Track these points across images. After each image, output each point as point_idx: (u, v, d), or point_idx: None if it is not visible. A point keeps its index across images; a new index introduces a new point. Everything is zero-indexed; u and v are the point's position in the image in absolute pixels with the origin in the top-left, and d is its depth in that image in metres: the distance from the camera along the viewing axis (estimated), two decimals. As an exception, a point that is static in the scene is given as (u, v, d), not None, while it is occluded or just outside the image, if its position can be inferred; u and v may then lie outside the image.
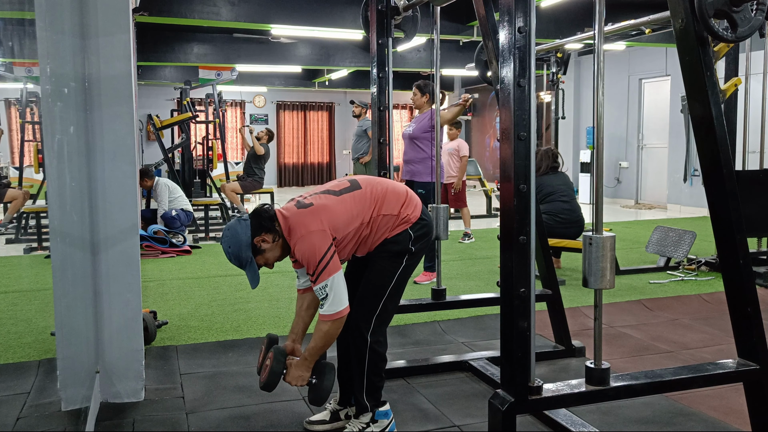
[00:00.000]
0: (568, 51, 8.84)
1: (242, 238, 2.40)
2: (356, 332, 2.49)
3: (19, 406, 2.91)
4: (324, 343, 2.43)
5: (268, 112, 16.22)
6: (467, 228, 7.54)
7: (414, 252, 2.54)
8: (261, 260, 2.48)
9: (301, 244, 2.38)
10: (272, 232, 2.44)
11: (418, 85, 5.32)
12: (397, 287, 2.54)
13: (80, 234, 2.78)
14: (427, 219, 2.59)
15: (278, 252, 2.49)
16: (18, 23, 4.18)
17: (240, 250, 2.41)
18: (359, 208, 2.47)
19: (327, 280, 2.34)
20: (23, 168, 9.40)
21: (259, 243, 2.43)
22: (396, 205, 2.52)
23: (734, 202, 2.28)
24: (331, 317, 2.37)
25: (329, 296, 2.35)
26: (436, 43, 3.46)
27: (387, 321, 2.57)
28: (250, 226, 2.42)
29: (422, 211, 2.58)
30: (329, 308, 2.36)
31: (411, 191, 2.63)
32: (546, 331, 3.72)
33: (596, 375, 2.18)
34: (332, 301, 2.36)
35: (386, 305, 2.51)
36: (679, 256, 5.63)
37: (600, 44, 2.13)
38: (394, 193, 2.55)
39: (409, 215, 2.52)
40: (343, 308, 2.37)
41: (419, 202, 2.61)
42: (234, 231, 2.42)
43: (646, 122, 11.42)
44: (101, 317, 2.85)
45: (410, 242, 2.51)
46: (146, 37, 9.30)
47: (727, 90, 5.35)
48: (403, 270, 2.53)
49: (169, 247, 6.77)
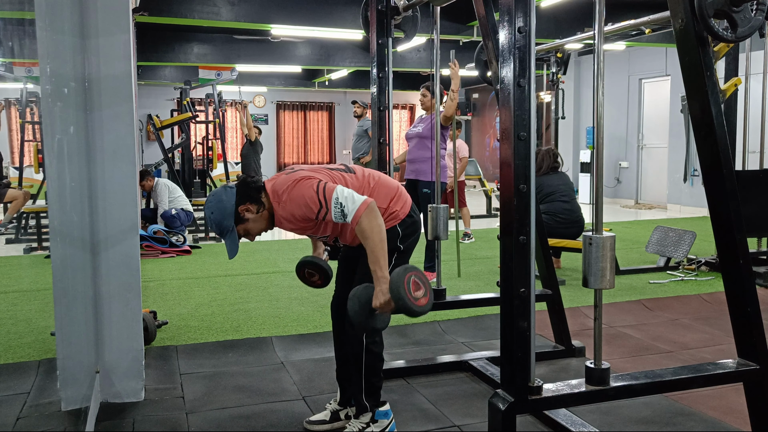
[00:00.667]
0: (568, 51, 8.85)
1: (226, 205, 2.34)
2: (353, 335, 2.48)
3: (19, 406, 2.91)
4: (375, 239, 2.24)
5: (268, 112, 16.22)
6: (467, 228, 7.54)
7: (402, 250, 2.50)
8: (242, 230, 2.40)
9: (293, 195, 2.30)
10: (257, 203, 2.37)
11: (427, 86, 5.36)
12: None
13: (80, 234, 2.78)
14: (415, 216, 2.55)
15: (262, 224, 2.41)
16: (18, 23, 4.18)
17: (222, 218, 2.35)
18: (352, 185, 2.42)
19: (333, 200, 2.26)
20: (23, 168, 9.41)
21: (243, 212, 2.36)
22: (385, 198, 2.47)
23: (734, 202, 2.28)
24: (358, 214, 2.24)
25: (345, 204, 2.25)
26: (436, 43, 3.46)
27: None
28: (236, 193, 2.36)
29: (411, 208, 2.55)
30: (351, 212, 2.25)
31: (402, 188, 2.58)
32: (546, 331, 3.72)
33: (596, 375, 2.18)
34: (348, 206, 2.25)
35: None
36: (679, 256, 5.63)
37: (600, 44, 2.13)
38: (386, 186, 2.52)
39: (397, 211, 2.49)
40: (362, 203, 2.25)
41: (409, 199, 2.57)
42: (218, 198, 2.36)
43: (646, 122, 11.42)
44: (101, 317, 2.85)
45: (398, 240, 2.48)
46: (146, 37, 9.30)
47: (727, 90, 5.35)
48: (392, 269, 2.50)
49: (169, 247, 6.77)
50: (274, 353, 3.64)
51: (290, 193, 2.33)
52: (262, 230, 2.45)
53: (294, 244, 7.39)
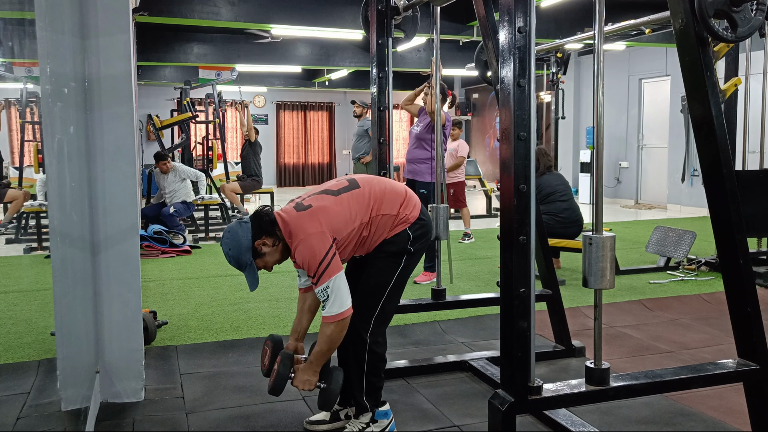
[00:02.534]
0: (568, 51, 8.84)
1: (243, 241, 2.40)
2: (354, 333, 2.49)
3: (19, 406, 2.91)
4: (329, 346, 2.42)
5: (268, 112, 16.21)
6: (467, 228, 7.55)
7: (413, 252, 2.53)
8: (261, 263, 2.47)
9: (302, 248, 2.37)
10: (273, 236, 2.43)
11: (430, 85, 5.34)
12: (395, 288, 2.53)
13: (80, 234, 2.78)
14: (425, 219, 2.58)
15: (278, 256, 2.49)
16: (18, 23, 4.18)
17: (240, 253, 2.41)
18: (358, 208, 2.46)
19: (328, 282, 2.34)
20: (23, 168, 9.40)
21: (260, 246, 2.42)
22: (395, 205, 2.51)
23: (734, 202, 2.28)
24: (334, 319, 2.36)
25: (330, 298, 2.34)
26: (436, 43, 3.46)
27: (386, 322, 2.57)
28: (251, 228, 2.41)
29: (421, 211, 2.57)
30: (331, 309, 2.35)
31: (410, 191, 2.62)
32: (546, 331, 3.72)
33: (596, 375, 2.18)
34: (333, 303, 2.35)
35: (385, 306, 2.51)
36: (679, 256, 5.63)
37: (600, 44, 2.13)
38: (393, 193, 2.54)
39: (407, 215, 2.51)
40: (345, 309, 2.36)
41: (418, 202, 2.60)
42: (234, 233, 2.41)
43: (646, 122, 11.42)
44: (101, 317, 2.85)
45: (409, 242, 2.51)
46: (146, 37, 9.29)
47: (727, 90, 5.35)
48: (401, 270, 2.52)
49: (169, 247, 6.77)
50: (274, 353, 3.63)
51: (300, 246, 2.39)
52: (278, 261, 2.52)
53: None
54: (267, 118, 16.17)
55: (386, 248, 2.51)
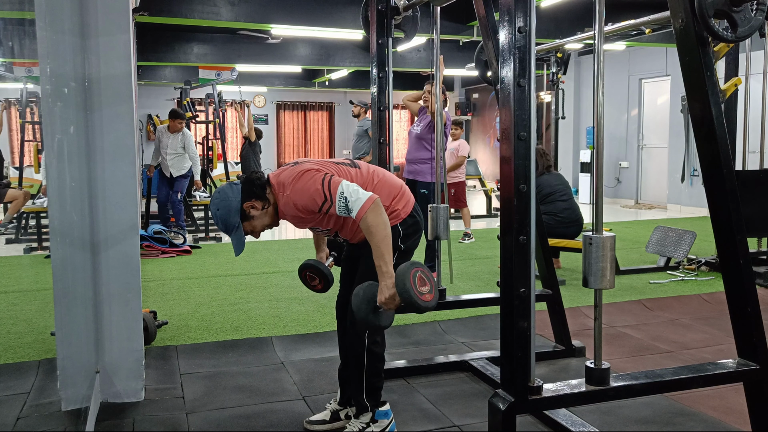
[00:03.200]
0: (568, 51, 8.84)
1: (232, 202, 2.35)
2: (353, 333, 2.48)
3: (19, 406, 2.91)
4: (380, 235, 2.22)
5: (268, 112, 16.21)
6: (467, 228, 7.55)
7: (403, 250, 2.49)
8: (248, 227, 2.41)
9: (298, 186, 2.30)
10: (263, 199, 2.38)
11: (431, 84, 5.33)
12: None
13: (80, 234, 2.78)
14: (417, 217, 2.55)
15: (267, 220, 2.42)
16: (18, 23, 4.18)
17: (228, 215, 2.35)
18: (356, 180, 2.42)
19: (338, 190, 2.25)
20: (23, 168, 9.40)
21: (249, 209, 2.37)
22: (388, 196, 2.46)
23: (734, 202, 2.28)
24: (363, 210, 2.22)
25: (349, 200, 2.24)
26: (436, 43, 3.46)
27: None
28: (242, 191, 2.36)
29: (414, 208, 2.54)
30: (355, 207, 2.23)
31: (406, 188, 2.58)
32: (546, 331, 3.72)
33: (596, 375, 2.18)
34: (354, 202, 2.23)
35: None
36: (679, 256, 5.63)
37: (600, 44, 2.13)
38: (389, 184, 2.51)
39: (399, 210, 2.48)
40: (367, 199, 2.23)
41: (412, 199, 2.56)
42: (224, 194, 2.37)
43: (646, 122, 11.42)
44: (101, 317, 2.85)
45: (399, 239, 2.46)
46: (146, 37, 9.29)
47: (727, 90, 5.35)
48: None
49: (169, 247, 6.77)
50: (275, 353, 3.64)
51: (295, 185, 2.33)
52: (267, 226, 2.46)
53: (294, 244, 7.38)
54: (267, 118, 16.17)
55: None
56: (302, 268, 2.73)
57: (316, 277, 2.72)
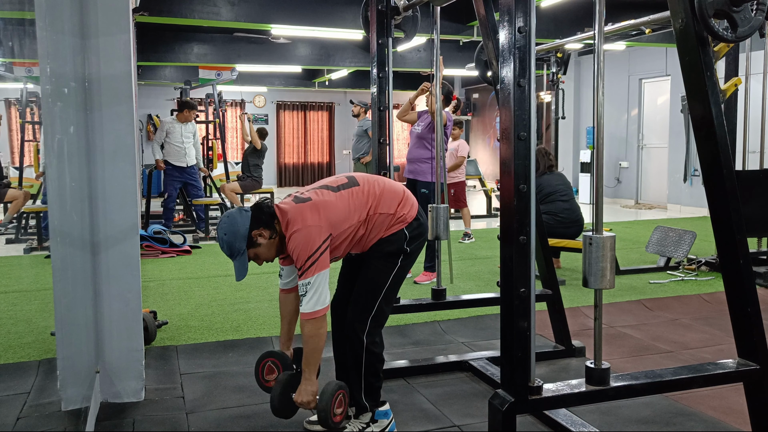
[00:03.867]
0: (568, 51, 8.84)
1: (240, 228, 2.39)
2: (352, 333, 2.49)
3: (19, 406, 2.91)
4: (309, 347, 2.41)
5: (268, 112, 16.21)
6: (467, 228, 7.55)
7: (409, 252, 2.53)
8: (252, 254, 2.45)
9: (297, 236, 2.37)
10: (270, 228, 2.43)
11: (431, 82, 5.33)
12: (392, 288, 2.53)
13: (80, 234, 2.78)
14: (422, 219, 2.59)
15: (272, 250, 2.47)
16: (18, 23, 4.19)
17: (235, 240, 2.39)
18: (356, 205, 2.47)
19: (312, 277, 2.34)
20: (23, 168, 9.40)
21: (256, 237, 2.41)
22: (393, 204, 2.51)
23: (734, 202, 2.28)
24: (308, 316, 2.36)
25: (309, 293, 2.34)
26: (436, 43, 3.46)
27: (383, 322, 2.56)
28: (251, 218, 2.41)
29: (418, 211, 2.58)
30: (308, 306, 2.35)
31: (408, 191, 2.61)
32: (546, 331, 3.72)
33: (596, 375, 2.18)
34: (310, 299, 2.34)
35: (381, 306, 2.51)
36: (679, 256, 5.63)
37: (600, 44, 2.13)
38: (392, 192, 2.55)
39: (405, 215, 2.52)
40: (322, 308, 2.36)
41: (415, 202, 2.60)
42: (233, 220, 2.40)
43: (646, 122, 11.42)
44: (101, 317, 2.85)
45: (405, 242, 2.51)
46: (146, 37, 9.29)
47: (727, 90, 5.35)
48: (398, 270, 2.52)
49: (169, 247, 6.77)
50: (274, 353, 3.63)
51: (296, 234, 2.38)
52: (272, 257, 2.51)
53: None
54: (267, 118, 16.17)
55: (383, 247, 2.51)
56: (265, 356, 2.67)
57: (275, 371, 2.65)
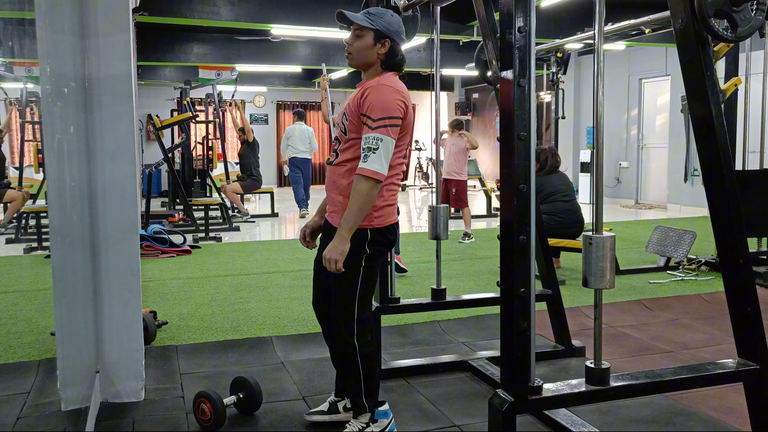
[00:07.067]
0: (568, 51, 8.85)
1: (388, 18, 2.39)
2: (342, 342, 2.46)
3: (19, 406, 2.91)
4: (358, 205, 2.26)
5: (268, 112, 16.21)
6: (467, 228, 7.55)
7: (370, 254, 2.43)
8: (362, 35, 2.40)
9: (385, 92, 2.31)
10: (388, 60, 2.41)
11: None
12: (364, 290, 2.46)
13: (80, 234, 2.78)
14: (389, 236, 2.48)
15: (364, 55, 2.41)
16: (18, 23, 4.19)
17: (379, 16, 2.38)
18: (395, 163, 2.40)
19: (385, 136, 2.26)
20: (23, 168, 9.40)
21: (383, 39, 2.39)
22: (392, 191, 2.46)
23: (734, 202, 2.27)
24: (371, 174, 2.24)
25: (379, 151, 2.25)
26: (436, 43, 3.45)
27: (367, 322, 2.51)
28: (402, 25, 2.42)
29: (394, 225, 2.50)
30: (372, 165, 2.24)
31: (396, 203, 2.54)
32: (546, 331, 3.72)
33: (596, 375, 2.18)
34: (376, 159, 2.24)
35: (360, 309, 2.45)
36: (679, 256, 5.63)
37: (600, 44, 2.13)
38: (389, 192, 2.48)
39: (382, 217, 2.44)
40: (382, 173, 2.25)
41: (396, 215, 2.53)
42: (398, 20, 2.41)
43: (646, 122, 11.42)
44: (101, 317, 2.85)
45: (366, 243, 2.41)
46: (146, 37, 9.29)
47: (727, 90, 5.35)
48: (365, 273, 2.44)
49: (169, 247, 6.77)
50: (274, 353, 3.64)
51: (384, 89, 2.33)
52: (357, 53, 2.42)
53: (294, 244, 7.38)
54: (267, 118, 16.17)
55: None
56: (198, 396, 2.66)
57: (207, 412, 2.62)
